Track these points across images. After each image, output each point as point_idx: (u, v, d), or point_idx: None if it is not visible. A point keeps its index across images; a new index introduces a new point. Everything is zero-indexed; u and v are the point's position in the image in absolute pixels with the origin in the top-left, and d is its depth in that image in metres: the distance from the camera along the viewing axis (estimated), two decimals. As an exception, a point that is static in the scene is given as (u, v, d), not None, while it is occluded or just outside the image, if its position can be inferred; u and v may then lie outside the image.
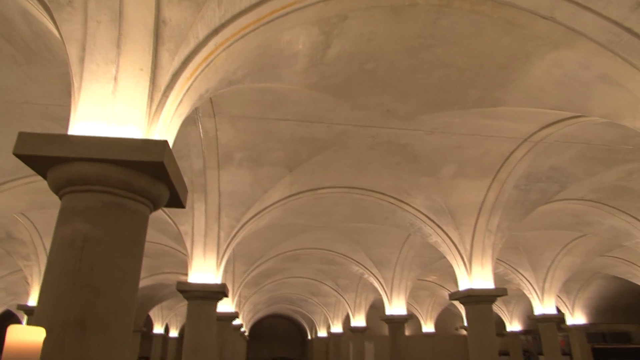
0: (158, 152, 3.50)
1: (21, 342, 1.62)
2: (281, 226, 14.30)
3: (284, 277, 22.81)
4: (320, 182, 11.42)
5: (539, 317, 20.38)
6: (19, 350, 1.58)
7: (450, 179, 11.23)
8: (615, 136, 9.40)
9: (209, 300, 9.98)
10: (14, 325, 1.70)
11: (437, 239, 12.98)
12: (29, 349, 1.62)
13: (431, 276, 25.80)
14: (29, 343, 1.63)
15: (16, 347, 1.61)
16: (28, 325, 2.83)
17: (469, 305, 12.15)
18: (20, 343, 1.61)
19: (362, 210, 13.53)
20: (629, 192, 12.55)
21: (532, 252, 19.20)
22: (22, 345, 1.61)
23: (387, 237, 16.71)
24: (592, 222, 14.54)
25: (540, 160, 10.36)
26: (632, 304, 28.99)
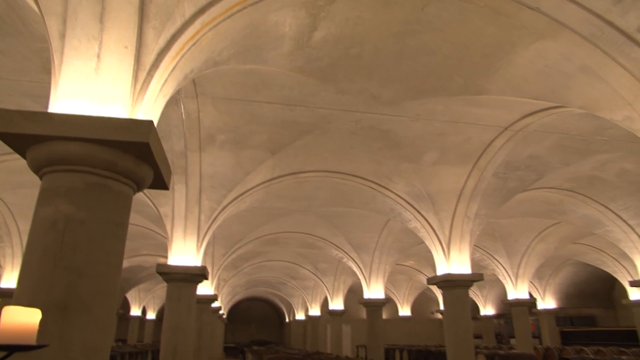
0: (144, 132, 3.43)
1: (17, 323, 1.59)
2: (262, 209, 14.28)
3: (263, 260, 22.86)
4: (302, 166, 11.41)
5: (512, 301, 21.01)
6: (15, 332, 1.55)
7: (431, 165, 11.35)
8: (592, 127, 9.63)
9: (189, 283, 9.96)
10: (9, 306, 1.67)
11: (416, 225, 13.15)
12: (25, 330, 1.59)
13: (409, 261, 26.23)
14: (25, 324, 1.61)
15: (12, 328, 1.58)
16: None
17: (447, 290, 12.41)
18: (16, 324, 1.59)
19: (342, 194, 13.60)
20: (601, 181, 12.91)
21: (508, 238, 19.68)
22: (18, 326, 1.59)
23: (366, 222, 16.86)
24: (566, 211, 14.95)
25: (520, 149, 10.55)
26: (599, 289, 30.10)
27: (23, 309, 1.62)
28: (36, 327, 1.63)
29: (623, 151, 10.97)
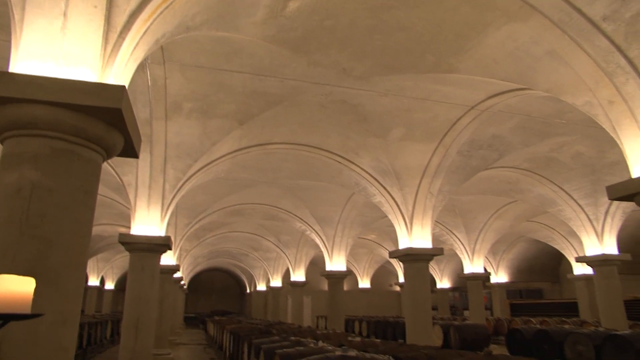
0: (116, 97, 3.29)
1: (12, 292, 1.54)
2: (227, 180, 14.14)
3: (226, 231, 22.77)
4: (270, 138, 11.32)
5: (468, 275, 21.94)
6: (10, 301, 1.50)
7: (398, 141, 11.50)
8: (552, 110, 9.99)
9: (152, 253, 9.82)
10: (3, 275, 1.60)
11: (381, 199, 13.36)
12: (20, 299, 1.54)
13: (370, 235, 26.78)
14: (19, 293, 1.55)
15: (7, 297, 1.52)
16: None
17: (408, 263, 12.79)
18: (10, 293, 1.53)
19: (309, 167, 13.63)
20: (557, 163, 13.50)
21: (467, 215, 20.39)
22: (13, 295, 1.53)
23: (331, 196, 16.99)
24: (523, 190, 15.58)
25: (484, 128, 10.83)
26: (547, 264, 31.82)
27: (17, 278, 1.57)
28: (31, 295, 1.59)
29: (579, 135, 11.47)
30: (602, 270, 14.67)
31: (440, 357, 5.88)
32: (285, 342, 7.62)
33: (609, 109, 6.14)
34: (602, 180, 13.60)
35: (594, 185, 13.87)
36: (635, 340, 9.62)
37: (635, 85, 5.80)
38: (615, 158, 12.53)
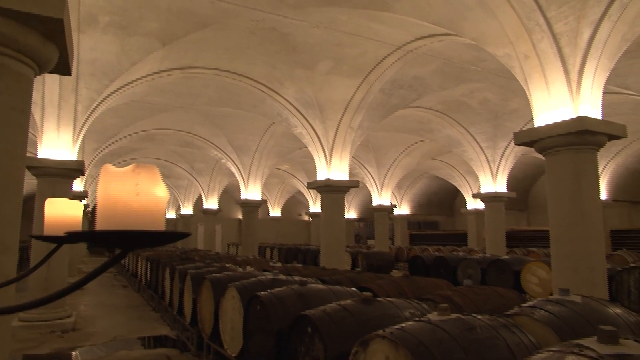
0: (57, 6, 2.94)
1: (62, 215, 1.45)
2: (142, 103, 13.31)
3: (137, 157, 21.68)
4: (193, 61, 10.74)
5: (376, 207, 23.43)
6: (62, 224, 1.42)
7: (325, 74, 11.55)
8: (471, 57, 10.59)
9: (64, 178, 9.17)
10: (52, 198, 1.50)
11: (302, 131, 13.52)
12: (70, 222, 1.46)
13: (284, 165, 27.14)
14: (69, 216, 1.47)
15: (58, 220, 1.44)
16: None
17: (325, 194, 13.34)
18: (61, 216, 1.44)
19: (230, 95, 13.25)
20: (467, 107, 14.52)
21: (379, 150, 21.40)
22: (64, 218, 1.45)
23: (250, 124, 16.76)
24: (434, 130, 16.63)
25: (407, 69, 11.22)
26: (445, 199, 34.97)
27: (67, 201, 1.48)
28: (80, 218, 1.52)
29: (489, 83, 12.36)
30: (492, 206, 16.53)
31: (361, 279, 6.47)
32: (211, 268, 7.80)
33: (524, 63, 6.71)
34: (502, 126, 14.96)
35: (495, 130, 15.23)
36: (512, 263, 11.23)
37: (549, 44, 6.36)
38: (516, 106, 13.78)
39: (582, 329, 3.23)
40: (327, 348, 3.45)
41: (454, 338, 2.74)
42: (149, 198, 0.89)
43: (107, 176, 0.89)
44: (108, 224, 0.86)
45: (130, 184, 0.88)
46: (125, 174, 0.89)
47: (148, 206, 0.89)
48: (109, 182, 0.88)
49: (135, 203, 0.87)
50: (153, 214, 0.90)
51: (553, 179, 6.51)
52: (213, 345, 6.32)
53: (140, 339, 8.64)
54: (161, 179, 0.94)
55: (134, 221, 0.87)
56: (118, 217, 0.86)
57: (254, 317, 4.87)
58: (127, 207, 0.87)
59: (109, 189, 0.88)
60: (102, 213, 0.88)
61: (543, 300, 3.76)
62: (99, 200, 0.90)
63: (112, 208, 0.86)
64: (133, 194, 0.88)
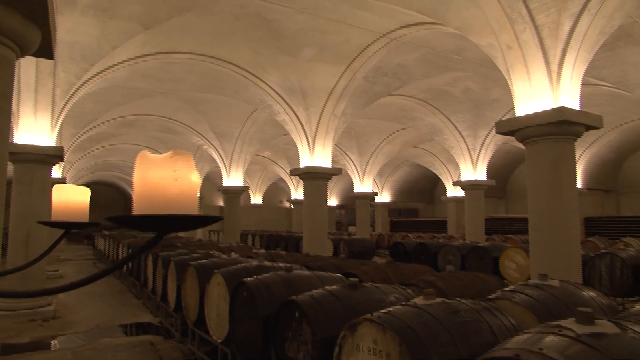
0: (42, -11, 2.88)
1: (70, 201, 1.44)
2: (123, 88, 13.06)
3: (116, 143, 21.31)
4: (175, 46, 10.58)
5: (358, 194, 23.58)
6: (69, 209, 1.41)
7: (308, 61, 11.51)
8: (454, 47, 10.68)
9: (43, 165, 8.97)
10: (59, 185, 1.49)
11: (285, 118, 13.48)
12: (78, 207, 1.46)
13: (266, 152, 27.04)
14: (77, 202, 1.46)
15: (66, 206, 1.43)
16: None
17: (308, 181, 13.38)
18: (69, 202, 1.44)
19: (213, 80, 13.10)
20: (449, 96, 14.67)
21: (361, 138, 21.48)
22: (71, 204, 1.44)
23: (232, 111, 16.63)
24: (416, 118, 16.76)
25: (391, 56, 11.26)
26: (425, 187, 35.38)
27: (74, 187, 1.47)
28: (87, 204, 1.51)
29: (471, 72, 12.49)
30: (472, 194, 16.83)
31: (345, 265, 6.57)
32: (195, 255, 7.80)
33: (507, 53, 6.81)
34: (483, 115, 15.17)
35: (476, 119, 15.43)
36: (491, 250, 11.51)
37: (531, 35, 6.47)
38: (497, 96, 13.97)
39: (559, 312, 3.37)
40: (314, 332, 3.52)
41: (439, 321, 2.83)
42: (186, 183, 0.93)
43: (145, 163, 0.92)
44: (146, 208, 0.88)
45: (169, 170, 0.91)
46: (163, 161, 0.92)
47: (185, 191, 0.93)
48: (148, 169, 0.91)
49: (173, 188, 0.91)
50: (189, 198, 0.94)
51: (533, 167, 6.68)
52: (198, 331, 6.36)
53: (123, 326, 8.62)
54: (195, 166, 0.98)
55: (172, 206, 0.90)
56: (157, 201, 0.89)
57: (240, 303, 4.91)
58: (165, 193, 0.90)
59: (147, 175, 0.90)
60: (140, 198, 0.91)
61: (523, 284, 3.89)
62: (137, 186, 0.93)
63: (150, 193, 0.89)
64: (172, 179, 0.92)
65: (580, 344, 2.05)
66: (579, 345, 2.04)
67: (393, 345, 2.73)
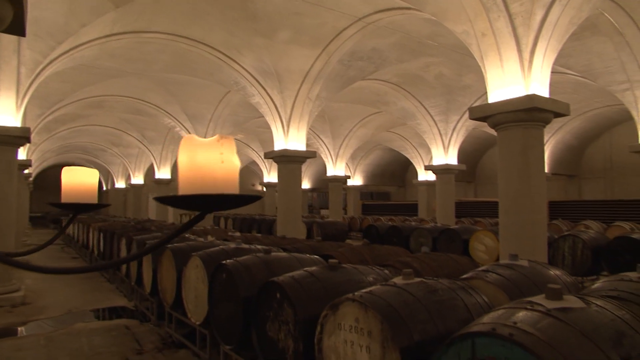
0: (17, -35, 2.79)
1: (78, 183, 1.43)
2: (91, 68, 12.66)
3: (83, 124, 20.69)
4: (147, 25, 10.30)
5: (330, 177, 23.73)
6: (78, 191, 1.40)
7: (284, 43, 11.42)
8: (429, 32, 10.80)
9: (8, 146, 8.65)
10: (68, 167, 1.47)
11: (260, 100, 13.40)
12: (86, 189, 1.44)
13: (239, 135, 26.78)
14: (85, 184, 1.45)
15: (74, 188, 1.42)
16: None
17: (282, 164, 13.40)
18: (77, 184, 1.42)
19: (186, 61, 12.85)
20: (422, 81, 14.84)
21: (335, 121, 21.54)
22: (80, 186, 1.43)
23: (205, 92, 16.39)
24: (389, 102, 16.90)
25: (366, 40, 11.29)
26: (397, 170, 35.88)
27: (83, 169, 1.46)
28: (96, 186, 1.50)
29: (445, 58, 12.67)
30: (443, 177, 17.20)
31: (321, 247, 6.67)
32: (171, 238, 7.75)
33: (481, 40, 6.95)
34: (455, 100, 15.44)
35: (448, 104, 15.70)
36: (461, 232, 11.86)
37: (505, 23, 6.62)
38: (469, 82, 14.24)
39: (529, 290, 3.57)
40: (296, 312, 3.61)
41: (418, 300, 2.96)
42: (231, 165, 0.98)
43: (192, 146, 0.97)
44: (193, 189, 0.93)
45: (216, 153, 0.96)
46: (211, 144, 0.97)
47: (230, 172, 0.98)
48: (195, 151, 0.95)
49: (219, 170, 0.96)
50: (233, 179, 1.00)
51: (504, 153, 6.91)
52: (175, 314, 6.37)
53: (96, 311, 8.52)
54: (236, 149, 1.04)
55: (218, 186, 0.95)
56: (205, 182, 0.94)
57: (219, 285, 4.96)
58: (212, 174, 0.95)
59: (195, 157, 0.95)
60: (186, 179, 0.96)
61: (495, 264, 4.08)
62: (183, 167, 0.98)
63: (198, 174, 0.93)
64: (218, 161, 0.96)
65: (551, 317, 2.20)
66: (549, 319, 2.19)
67: (375, 323, 2.85)
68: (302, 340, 3.53)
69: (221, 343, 4.91)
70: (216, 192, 0.94)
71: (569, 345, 2.02)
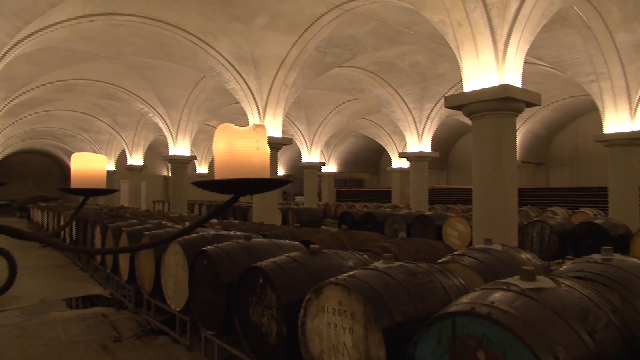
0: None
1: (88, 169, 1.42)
2: (61, 50, 12.27)
3: (52, 109, 20.04)
4: (121, 7, 10.04)
5: (305, 164, 23.78)
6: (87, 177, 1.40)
7: (260, 29, 11.32)
8: (405, 20, 10.89)
9: (-25, 129, 8.38)
10: (77, 153, 1.46)
11: (235, 86, 13.27)
12: (96, 174, 1.44)
13: (213, 121, 26.47)
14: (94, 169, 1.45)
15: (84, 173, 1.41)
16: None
17: (259, 152, 13.35)
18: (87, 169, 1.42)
19: (160, 46, 12.60)
20: (397, 69, 14.97)
21: (310, 108, 21.53)
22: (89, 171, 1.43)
23: (179, 78, 16.09)
24: (364, 89, 17.00)
25: (343, 28, 11.31)
26: (370, 157, 36.18)
27: (92, 155, 1.46)
28: (105, 171, 1.50)
29: (420, 46, 12.80)
30: (417, 165, 17.48)
31: (300, 234, 6.75)
32: (147, 225, 7.69)
33: (457, 30, 7.08)
34: (429, 89, 15.66)
35: (423, 92, 15.91)
36: (435, 219, 12.14)
37: (480, 14, 6.76)
38: (443, 71, 14.45)
39: (502, 272, 3.74)
40: (280, 297, 3.69)
41: (399, 283, 3.08)
42: (264, 152, 1.06)
43: (230, 134, 1.04)
44: (231, 173, 1.00)
45: (252, 141, 1.03)
46: (248, 133, 1.04)
47: (263, 158, 1.06)
48: (233, 139, 1.01)
49: (255, 157, 1.02)
50: (266, 165, 1.10)
51: (478, 141, 7.11)
52: (154, 301, 6.37)
53: (68, 300, 8.37)
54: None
55: (254, 171, 1.02)
56: (242, 167, 1.00)
57: (200, 272, 4.98)
58: (249, 160, 1.01)
59: (233, 144, 1.01)
60: (223, 164, 1.02)
61: (470, 249, 4.25)
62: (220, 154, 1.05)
63: (235, 160, 1.00)
64: (254, 149, 1.03)
65: (525, 297, 2.35)
66: (524, 299, 2.33)
67: (358, 305, 2.95)
68: (285, 324, 3.61)
69: (202, 329, 4.96)
70: (254, 176, 1.02)
71: (541, 322, 2.17)
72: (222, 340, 4.77)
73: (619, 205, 11.86)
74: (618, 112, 11.85)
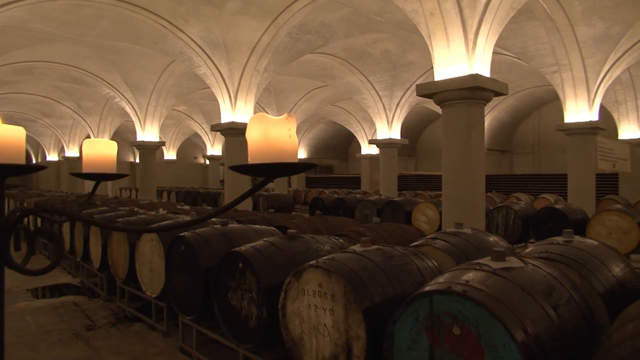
0: None
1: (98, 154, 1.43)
2: (20, 30, 11.76)
3: (10, 92, 19.22)
4: (86, -12, 9.72)
5: (276, 151, 23.69)
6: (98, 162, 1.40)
7: (233, 14, 11.18)
8: (377, 8, 10.97)
9: None
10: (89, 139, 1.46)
11: (206, 71, 13.09)
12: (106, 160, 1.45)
13: (181, 106, 26.00)
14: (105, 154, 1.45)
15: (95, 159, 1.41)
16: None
17: (230, 137, 13.28)
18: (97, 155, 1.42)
19: (128, 28, 12.26)
20: (369, 56, 15.08)
21: (280, 94, 21.43)
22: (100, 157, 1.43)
23: (147, 62, 15.71)
24: (335, 76, 17.05)
25: (316, 14, 11.29)
26: (340, 144, 36.41)
27: (102, 141, 1.46)
28: (115, 157, 1.51)
29: (391, 34, 12.93)
30: (386, 151, 17.76)
31: (275, 219, 6.83)
32: (119, 212, 7.59)
33: (429, 19, 7.22)
34: (400, 76, 15.86)
35: (393, 80, 16.10)
36: (404, 204, 12.43)
37: (452, 4, 6.91)
38: (413, 59, 14.65)
39: (472, 254, 3.94)
40: (259, 281, 3.77)
41: (377, 265, 3.21)
42: (294, 140, 1.18)
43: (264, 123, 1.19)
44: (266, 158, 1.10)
45: (285, 129, 1.13)
46: (281, 122, 1.13)
47: (294, 145, 1.16)
48: (268, 127, 1.12)
49: (287, 143, 1.12)
50: (296, 151, 1.23)
51: (448, 128, 7.32)
52: (128, 288, 6.33)
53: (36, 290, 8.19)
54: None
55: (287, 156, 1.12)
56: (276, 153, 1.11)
57: (177, 258, 5.00)
58: (282, 146, 1.11)
59: (268, 132, 1.11)
60: (258, 150, 1.12)
61: (442, 232, 4.44)
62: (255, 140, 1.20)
63: (270, 146, 1.10)
64: (287, 136, 1.13)
65: (496, 276, 2.52)
66: (495, 277, 2.50)
67: (337, 287, 3.07)
68: (265, 307, 3.70)
69: (180, 314, 4.99)
70: (287, 161, 1.13)
71: (511, 298, 2.34)
72: (200, 325, 4.82)
73: (577, 191, 12.45)
74: (578, 102, 12.37)
